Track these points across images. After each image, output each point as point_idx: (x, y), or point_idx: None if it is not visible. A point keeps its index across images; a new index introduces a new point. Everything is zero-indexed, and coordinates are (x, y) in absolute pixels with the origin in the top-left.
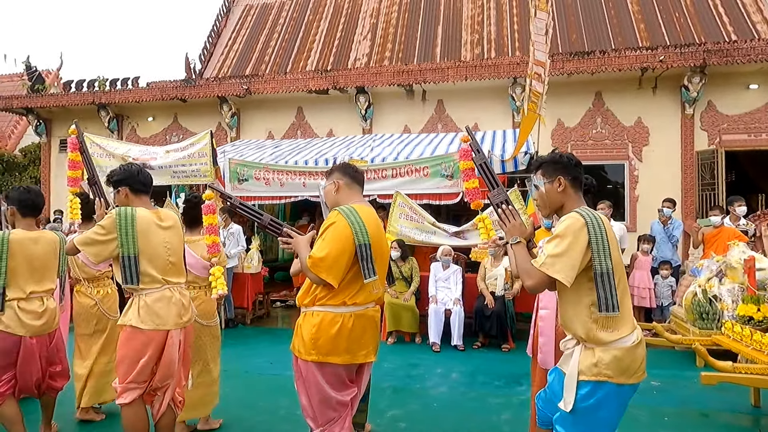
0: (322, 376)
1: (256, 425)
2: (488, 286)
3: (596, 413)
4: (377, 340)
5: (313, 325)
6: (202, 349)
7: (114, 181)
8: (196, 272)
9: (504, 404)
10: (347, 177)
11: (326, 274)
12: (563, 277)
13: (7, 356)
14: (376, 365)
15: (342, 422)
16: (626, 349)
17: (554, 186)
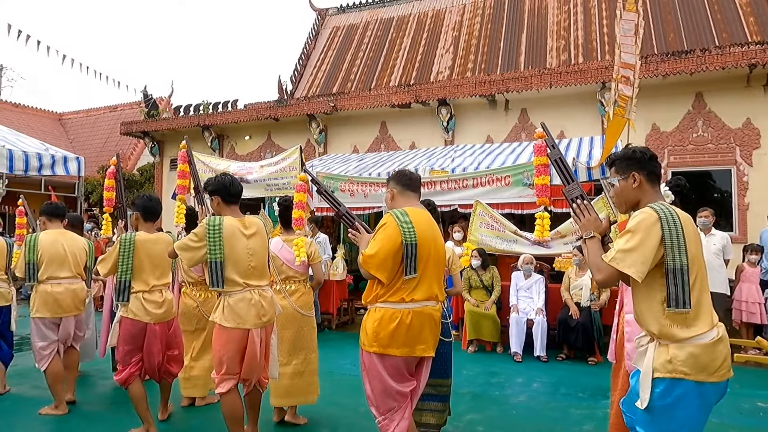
0: (383, 367)
1: (339, 420)
2: (573, 296)
3: (674, 412)
4: (436, 336)
5: (374, 320)
6: (304, 339)
7: (209, 190)
8: (295, 268)
9: (587, 416)
10: (400, 185)
11: (375, 269)
12: (634, 271)
13: (136, 340)
14: (456, 372)
15: (402, 412)
16: (704, 345)
17: (629, 182)
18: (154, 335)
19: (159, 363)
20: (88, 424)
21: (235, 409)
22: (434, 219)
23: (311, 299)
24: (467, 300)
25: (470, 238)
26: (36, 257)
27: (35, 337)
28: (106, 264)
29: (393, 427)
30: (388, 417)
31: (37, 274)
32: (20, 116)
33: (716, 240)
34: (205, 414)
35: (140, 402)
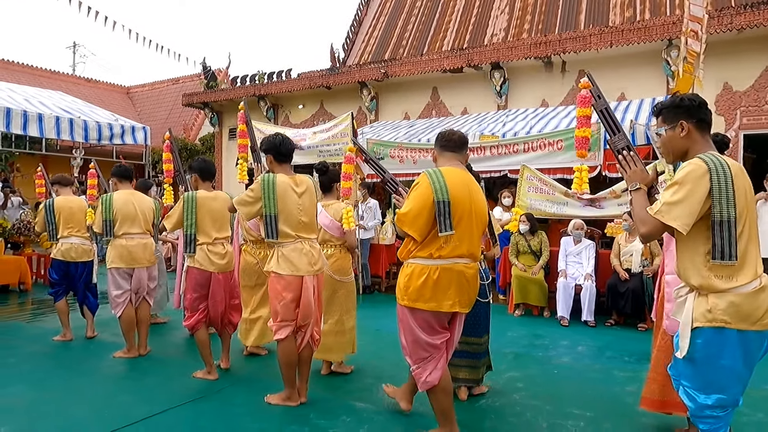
0: (413, 320)
1: (382, 372)
2: (623, 262)
3: (718, 361)
4: (469, 294)
5: (406, 275)
6: (338, 302)
7: (263, 149)
8: (331, 232)
9: (630, 378)
10: (439, 146)
11: (408, 227)
12: (680, 224)
13: (202, 288)
14: (500, 333)
15: (435, 362)
16: (745, 294)
17: (677, 132)
18: (218, 283)
19: (222, 311)
20: (155, 365)
21: (291, 355)
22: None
23: (347, 264)
24: (515, 264)
25: (518, 203)
26: (111, 215)
27: (111, 286)
28: (171, 219)
29: (425, 375)
30: (421, 366)
31: (113, 230)
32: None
33: None
34: (262, 362)
35: (204, 347)
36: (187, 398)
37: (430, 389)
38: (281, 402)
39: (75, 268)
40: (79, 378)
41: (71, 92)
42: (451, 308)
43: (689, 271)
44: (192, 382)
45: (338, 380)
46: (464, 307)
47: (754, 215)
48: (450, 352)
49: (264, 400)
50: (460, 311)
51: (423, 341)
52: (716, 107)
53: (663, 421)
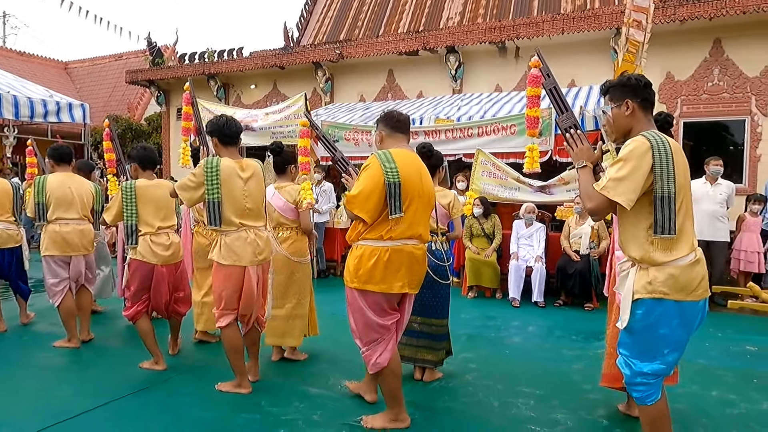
0: (364, 302)
1: (337, 356)
2: (572, 244)
3: (656, 330)
4: (419, 275)
5: (355, 257)
6: (297, 284)
7: (208, 131)
8: (285, 215)
9: (578, 356)
10: (388, 127)
11: (359, 209)
12: (624, 200)
13: (145, 280)
14: (453, 315)
15: (385, 344)
16: (682, 267)
17: (622, 110)
18: (162, 276)
19: (166, 303)
20: (99, 356)
21: (235, 342)
22: (432, 164)
23: (304, 246)
24: (468, 247)
25: (472, 187)
26: (45, 198)
27: (47, 275)
28: (110, 212)
29: (375, 357)
30: (371, 348)
31: (46, 215)
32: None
33: (722, 189)
34: (211, 349)
35: (147, 336)
36: (132, 389)
37: (379, 371)
38: (232, 390)
39: (1, 256)
40: (13, 369)
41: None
42: (401, 289)
43: (631, 245)
44: (137, 372)
45: (291, 366)
46: (413, 288)
47: (690, 191)
48: (399, 333)
49: (214, 388)
50: (409, 292)
51: (374, 323)
52: (659, 95)
53: (608, 396)
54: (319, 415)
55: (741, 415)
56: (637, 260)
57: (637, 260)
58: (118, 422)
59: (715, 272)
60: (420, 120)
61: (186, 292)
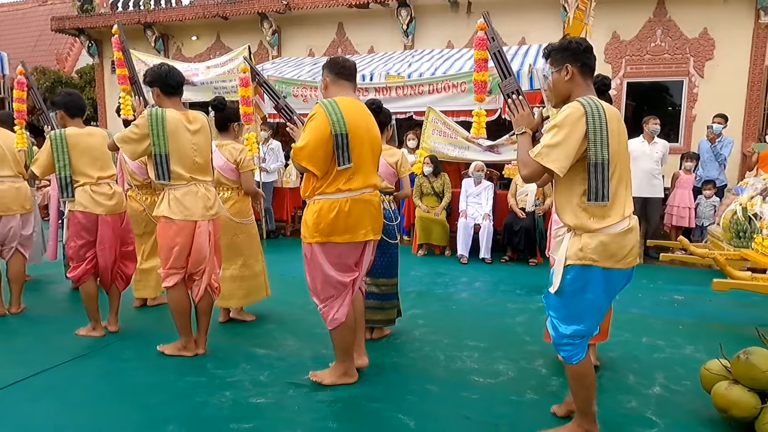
0: (325, 257)
1: (286, 317)
2: (519, 202)
3: (583, 295)
4: (378, 222)
5: (314, 212)
6: (240, 247)
7: (147, 81)
8: (227, 175)
9: (521, 309)
10: (332, 73)
11: (306, 162)
12: (557, 167)
13: (89, 233)
14: (403, 273)
15: (341, 300)
16: (614, 235)
17: (561, 75)
18: (107, 226)
19: (113, 260)
20: (28, 324)
21: (181, 303)
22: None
23: (246, 207)
24: (418, 206)
25: (423, 146)
26: None
27: None
28: (38, 163)
29: (333, 313)
30: (328, 304)
31: None
32: None
33: (659, 148)
34: (156, 313)
35: (91, 301)
36: (68, 357)
37: (335, 327)
38: (176, 352)
39: None
40: None
41: None
42: (365, 237)
43: (566, 211)
44: (73, 340)
45: (239, 328)
46: (376, 233)
47: (626, 159)
48: (355, 288)
49: (157, 352)
50: (373, 238)
51: (334, 280)
52: (605, 55)
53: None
54: (266, 376)
55: (666, 359)
56: (570, 227)
57: (571, 227)
58: (52, 391)
59: (650, 227)
60: (370, 76)
61: (133, 247)
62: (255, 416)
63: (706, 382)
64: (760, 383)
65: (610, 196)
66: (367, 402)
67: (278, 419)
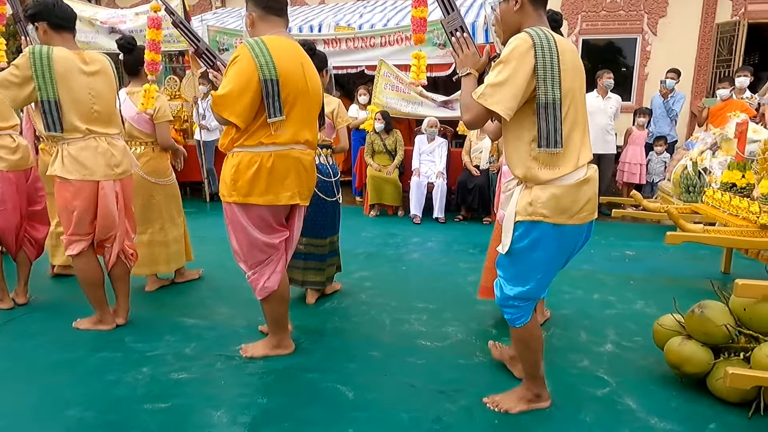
0: (247, 218)
1: (223, 283)
2: (473, 159)
3: (532, 254)
4: (309, 185)
5: (232, 167)
6: (156, 208)
7: (29, 15)
8: (140, 127)
9: (473, 268)
10: (259, 8)
11: (228, 112)
12: (502, 108)
13: None
14: (354, 234)
15: (273, 265)
16: (567, 187)
17: (510, 5)
18: (9, 184)
19: (18, 222)
20: None
21: (89, 273)
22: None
23: (164, 164)
24: (370, 165)
25: (374, 101)
26: None
27: None
28: None
29: (263, 281)
30: (257, 271)
31: None
32: None
33: (612, 103)
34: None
35: None
36: None
37: (266, 297)
38: (92, 326)
39: None
40: None
41: None
42: (290, 200)
43: (515, 161)
44: None
45: (167, 296)
46: (304, 198)
47: (582, 99)
48: (290, 253)
49: (72, 327)
50: (300, 203)
51: (259, 242)
52: (562, 9)
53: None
54: (192, 348)
55: (618, 315)
56: (521, 179)
57: (521, 178)
58: None
59: (602, 184)
60: (319, 27)
61: (44, 207)
62: (174, 394)
63: (659, 338)
64: (714, 338)
65: (564, 141)
66: (303, 372)
67: (200, 396)
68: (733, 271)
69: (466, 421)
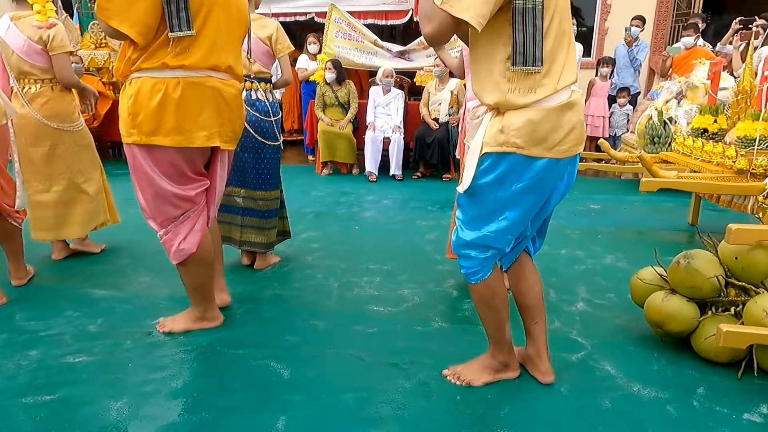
0: (152, 164)
1: (149, 247)
2: (431, 112)
3: (496, 192)
4: (233, 123)
5: (129, 97)
6: (61, 160)
7: None
8: (31, 60)
9: (432, 226)
10: None
11: (118, 20)
12: (471, 15)
13: None
14: (303, 193)
15: (191, 222)
16: (546, 111)
17: None
18: None
19: None
20: None
21: None
22: None
23: (68, 107)
24: (321, 119)
25: (325, 50)
26: None
27: None
28: None
29: (178, 242)
30: (170, 230)
31: None
32: None
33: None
34: None
35: None
36: None
37: (183, 261)
38: None
39: None
40: None
41: None
42: (207, 142)
43: (485, 85)
44: None
45: (79, 264)
46: (227, 141)
47: (567, 9)
48: (213, 208)
49: None
50: (222, 147)
51: (168, 194)
52: None
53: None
54: (98, 325)
55: (587, 271)
56: (491, 106)
57: (492, 105)
58: None
59: None
60: None
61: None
62: (64, 382)
63: (638, 294)
64: (701, 292)
65: (544, 58)
66: (231, 349)
67: (98, 383)
68: (701, 222)
69: (422, 399)
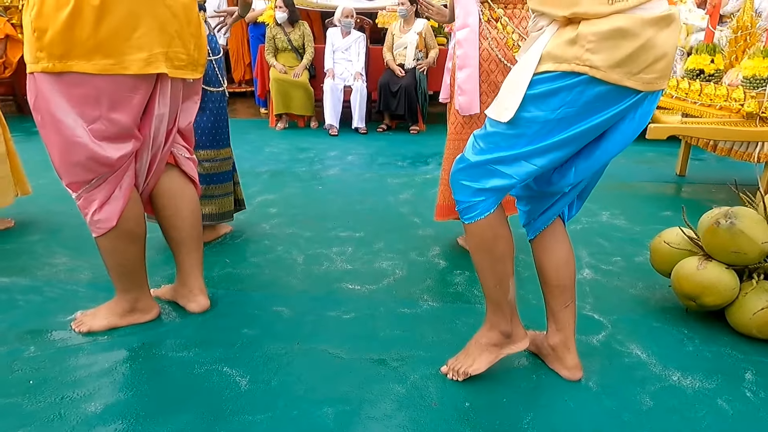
0: (66, 101)
1: (70, 219)
2: (396, 57)
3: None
4: (184, 40)
5: (32, 7)
6: None
7: None
8: None
9: (405, 184)
10: None
11: None
12: None
13: None
14: (256, 151)
15: (108, 187)
16: (641, 20)
17: None
18: None
19: None
20: None
21: None
22: None
23: None
24: (273, 65)
25: None
26: None
27: None
28: None
29: (92, 211)
30: (82, 195)
31: None
32: None
33: None
34: None
35: None
36: None
37: (102, 234)
38: None
39: None
40: None
41: None
42: (148, 67)
43: None
44: None
45: None
46: (180, 66)
47: None
48: (143, 171)
49: None
50: (170, 74)
51: (82, 150)
52: None
53: (445, 228)
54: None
55: (585, 230)
56: (563, 18)
57: (565, 17)
58: None
59: None
60: None
61: None
62: None
63: (662, 260)
64: (746, 258)
65: None
66: (171, 351)
67: None
68: (689, 173)
69: (421, 409)
